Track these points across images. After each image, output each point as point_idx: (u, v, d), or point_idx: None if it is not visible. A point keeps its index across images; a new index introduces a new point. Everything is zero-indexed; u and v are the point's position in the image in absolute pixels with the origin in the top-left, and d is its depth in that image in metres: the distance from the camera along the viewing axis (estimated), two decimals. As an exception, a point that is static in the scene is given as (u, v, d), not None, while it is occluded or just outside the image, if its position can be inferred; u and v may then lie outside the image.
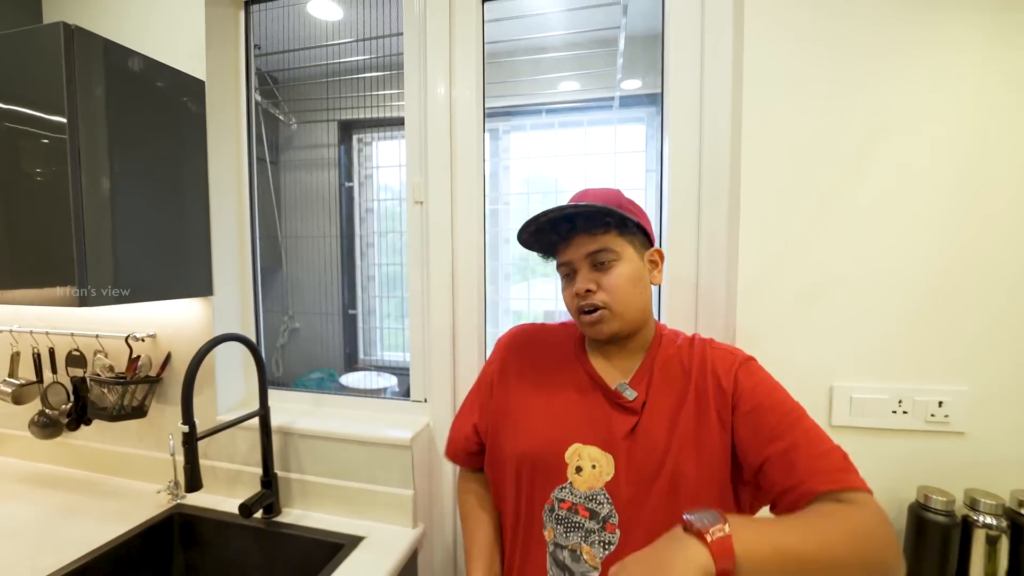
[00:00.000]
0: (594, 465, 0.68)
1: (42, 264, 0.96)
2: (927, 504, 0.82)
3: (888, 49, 0.85)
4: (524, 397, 0.76)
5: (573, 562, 0.67)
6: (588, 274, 0.70)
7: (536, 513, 0.71)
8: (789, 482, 0.60)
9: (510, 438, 0.74)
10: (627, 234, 0.70)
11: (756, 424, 0.64)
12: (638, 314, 0.71)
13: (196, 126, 1.18)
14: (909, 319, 0.87)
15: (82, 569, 0.99)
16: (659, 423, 0.67)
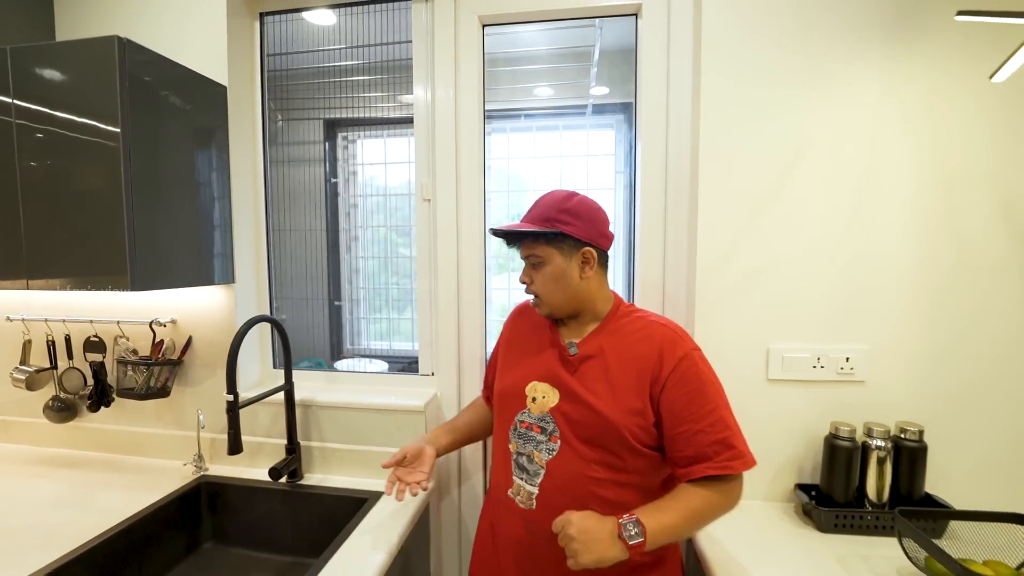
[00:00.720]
0: (544, 396, 0.92)
1: (98, 256, 1.06)
2: (836, 434, 1.08)
3: (809, 82, 1.09)
4: (509, 353, 1.04)
5: (528, 463, 0.92)
6: (527, 271, 0.95)
7: (506, 432, 0.96)
8: (687, 457, 0.83)
9: (498, 381, 1.03)
10: (554, 243, 0.90)
11: (678, 405, 0.84)
12: (564, 302, 0.93)
13: (221, 128, 1.29)
14: (824, 296, 1.12)
15: (127, 530, 1.10)
16: (594, 372, 0.90)
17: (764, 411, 1.15)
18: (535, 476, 0.90)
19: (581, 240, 0.90)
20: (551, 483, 0.88)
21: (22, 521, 1.10)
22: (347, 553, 0.99)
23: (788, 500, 1.16)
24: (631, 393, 0.86)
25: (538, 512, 0.88)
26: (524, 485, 0.91)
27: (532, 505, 0.89)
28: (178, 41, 1.26)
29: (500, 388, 1.00)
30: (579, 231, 0.90)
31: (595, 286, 0.94)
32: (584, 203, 0.92)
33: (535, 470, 0.90)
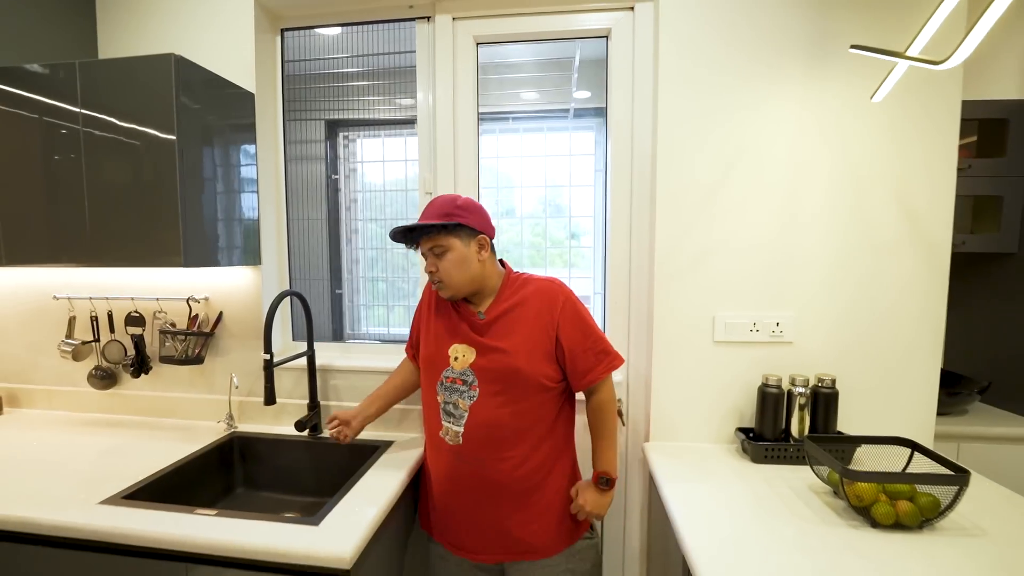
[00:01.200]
0: (464, 355, 1.15)
1: (155, 240, 1.27)
2: (767, 383, 1.32)
3: (744, 98, 1.32)
4: (431, 321, 1.24)
5: (454, 410, 1.15)
6: (431, 260, 1.14)
7: (434, 387, 1.19)
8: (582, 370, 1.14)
9: (424, 347, 1.24)
10: (454, 233, 1.11)
11: (570, 333, 1.13)
12: (465, 283, 1.14)
13: (250, 130, 1.49)
14: (758, 271, 1.36)
15: (179, 470, 1.30)
16: (501, 330, 1.14)
17: (711, 368, 1.39)
18: (460, 419, 1.15)
19: (476, 229, 1.13)
20: (473, 422, 1.13)
21: (85, 465, 1.29)
22: (372, 478, 1.21)
23: (731, 442, 1.41)
24: (536, 338, 1.13)
25: (464, 446, 1.13)
26: (451, 427, 1.16)
27: (459, 441, 1.14)
28: (213, 54, 1.45)
29: (426, 353, 1.22)
30: (473, 222, 1.13)
31: (489, 267, 1.18)
32: (470, 202, 1.16)
33: (460, 414, 1.15)
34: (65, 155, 1.29)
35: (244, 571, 0.96)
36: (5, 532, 1.04)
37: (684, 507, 1.07)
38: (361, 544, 0.96)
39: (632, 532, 1.54)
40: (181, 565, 0.99)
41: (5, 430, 1.52)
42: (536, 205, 1.88)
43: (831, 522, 1.01)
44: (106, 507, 1.06)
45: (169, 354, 1.51)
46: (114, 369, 1.62)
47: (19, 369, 1.70)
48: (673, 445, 1.40)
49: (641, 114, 1.43)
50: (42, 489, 1.14)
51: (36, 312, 1.66)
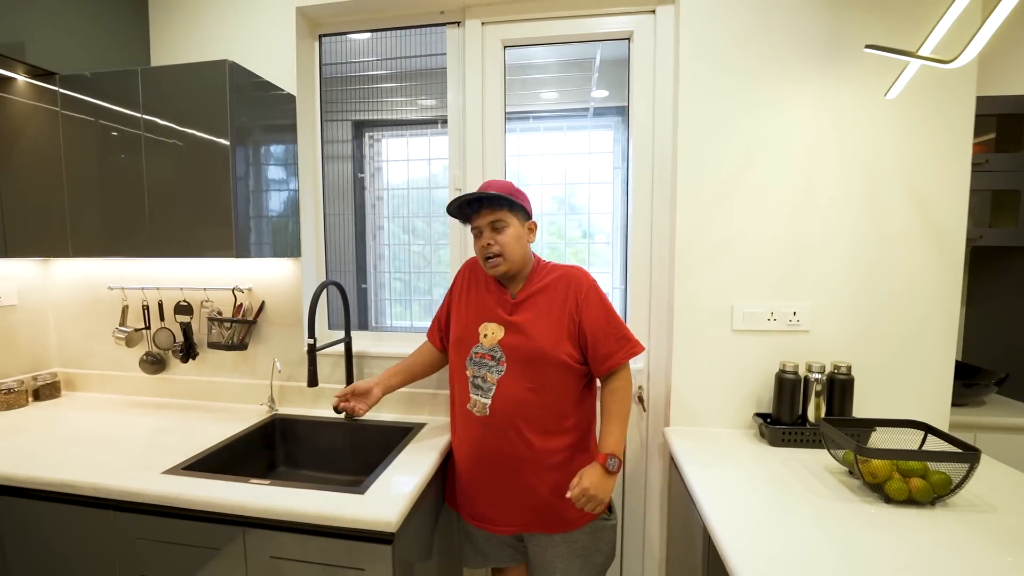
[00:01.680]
0: (493, 332, 1.23)
1: (208, 234, 1.38)
2: (784, 370, 1.37)
3: (762, 96, 1.38)
4: (462, 302, 1.32)
5: (483, 383, 1.23)
6: (490, 234, 1.21)
7: (464, 361, 1.26)
8: (603, 355, 1.19)
9: (455, 326, 1.31)
10: (513, 211, 1.21)
11: (591, 319, 1.19)
12: (519, 260, 1.23)
13: (291, 130, 1.59)
14: (775, 262, 1.41)
15: (229, 446, 1.40)
16: (528, 312, 1.22)
17: (730, 356, 1.45)
18: (488, 391, 1.22)
19: (528, 213, 1.24)
20: (500, 394, 1.21)
21: (141, 441, 1.39)
22: (409, 455, 1.30)
23: (748, 427, 1.46)
24: (560, 320, 1.20)
25: (491, 417, 1.21)
26: (479, 399, 1.24)
27: (487, 412, 1.22)
28: (258, 59, 1.55)
29: (456, 333, 1.30)
30: (528, 206, 1.24)
31: (529, 252, 1.28)
32: (522, 190, 1.25)
33: (488, 387, 1.23)
34: (127, 156, 1.39)
35: (295, 534, 1.05)
36: (77, 496, 1.14)
37: (707, 487, 1.12)
38: (405, 510, 1.04)
39: (652, 515, 1.60)
40: (239, 529, 1.08)
41: (66, 411, 1.64)
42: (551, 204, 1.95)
43: (846, 499, 1.06)
44: (169, 476, 1.16)
45: (216, 340, 1.61)
46: (163, 355, 1.74)
47: (76, 355, 1.83)
48: (693, 430, 1.46)
49: (662, 113, 1.49)
50: (106, 460, 1.24)
51: (92, 302, 1.78)
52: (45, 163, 1.46)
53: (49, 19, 1.41)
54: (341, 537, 1.03)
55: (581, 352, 1.22)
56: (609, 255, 1.79)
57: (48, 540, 1.19)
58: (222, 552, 1.09)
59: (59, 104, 1.43)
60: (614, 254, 1.77)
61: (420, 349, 1.46)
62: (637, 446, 1.59)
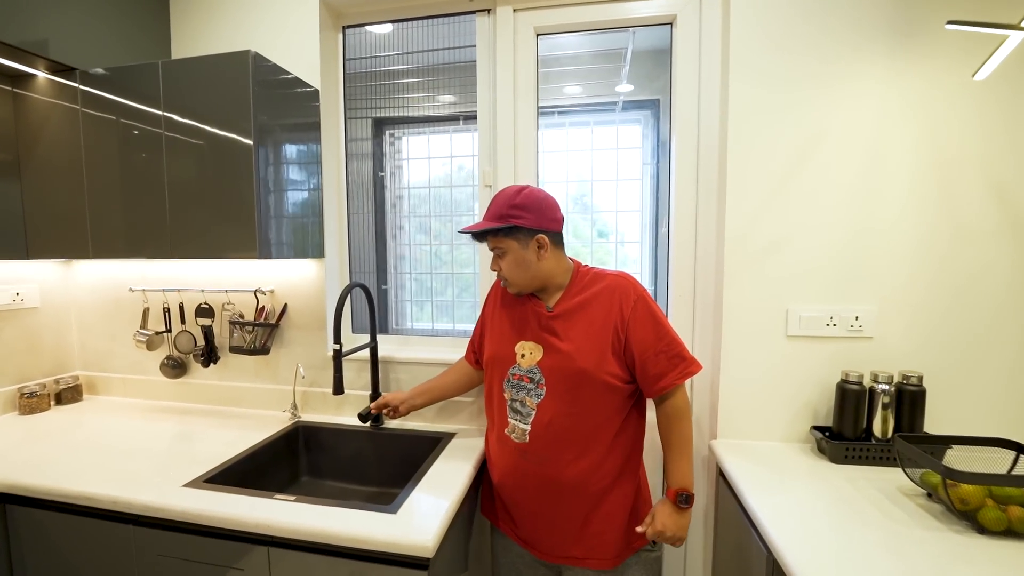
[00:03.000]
0: (531, 352, 1.13)
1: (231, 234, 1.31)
2: (847, 379, 1.26)
3: (822, 79, 1.27)
4: (497, 321, 1.23)
5: (521, 407, 1.14)
6: (495, 260, 1.14)
7: (501, 384, 1.17)
8: (655, 375, 1.07)
9: (490, 345, 1.22)
10: (511, 235, 1.09)
11: (641, 336, 1.07)
12: (528, 281, 1.13)
13: (315, 127, 1.52)
14: (835, 262, 1.30)
15: (252, 456, 1.33)
16: (567, 327, 1.11)
17: (783, 363, 1.34)
18: (527, 417, 1.12)
19: (533, 229, 1.09)
20: (540, 420, 1.11)
21: (161, 449, 1.34)
22: (441, 467, 1.22)
23: (804, 441, 1.35)
24: (604, 337, 1.08)
25: (530, 444, 1.11)
26: (519, 424, 1.14)
27: (526, 439, 1.12)
28: (280, 53, 1.48)
29: (493, 351, 1.20)
30: (530, 222, 1.08)
31: (553, 264, 1.14)
32: (532, 195, 1.10)
33: (527, 412, 1.13)
34: (148, 154, 1.34)
35: (323, 555, 0.98)
36: (96, 510, 1.09)
37: (771, 510, 1.02)
38: (441, 533, 0.96)
39: (694, 535, 1.50)
40: (263, 548, 1.01)
41: (87, 416, 1.60)
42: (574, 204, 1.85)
43: (931, 527, 0.95)
44: (191, 490, 1.09)
45: (238, 344, 1.56)
46: (184, 359, 1.69)
47: (98, 358, 1.79)
48: (743, 443, 1.35)
49: (708, 101, 1.39)
50: (127, 470, 1.19)
51: (113, 304, 1.74)
52: (66, 162, 1.41)
53: (70, 13, 1.37)
54: (372, 560, 0.95)
55: (628, 371, 1.10)
56: (636, 255, 1.70)
57: (67, 554, 1.14)
58: (247, 572, 1.02)
59: (79, 101, 1.38)
60: (643, 254, 1.67)
61: (455, 368, 1.40)
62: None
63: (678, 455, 1.09)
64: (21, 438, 1.40)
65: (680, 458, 1.09)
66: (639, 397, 1.16)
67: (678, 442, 1.09)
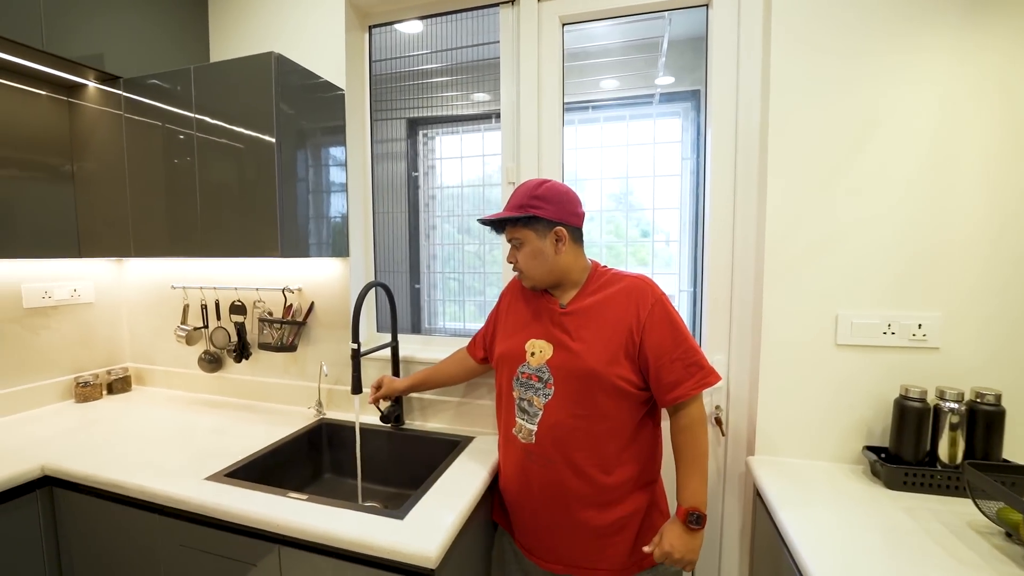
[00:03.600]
0: (541, 351, 1.09)
1: (255, 233, 1.34)
2: (907, 395, 1.11)
3: (878, 60, 1.13)
4: (509, 317, 1.20)
5: (529, 407, 1.09)
6: (512, 251, 1.11)
7: (510, 382, 1.13)
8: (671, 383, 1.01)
9: (501, 342, 1.18)
10: (529, 226, 1.06)
11: (657, 341, 1.01)
12: (544, 275, 1.09)
13: (340, 128, 1.53)
14: (894, 264, 1.15)
15: (274, 451, 1.36)
16: (579, 326, 1.06)
17: (832, 375, 1.20)
18: (534, 417, 1.07)
19: (552, 221, 1.05)
20: (546, 421, 1.06)
21: (195, 441, 1.39)
22: (454, 473, 1.19)
23: (856, 462, 1.21)
24: (616, 339, 1.02)
25: (535, 445, 1.08)
26: (525, 424, 1.09)
27: (532, 440, 1.07)
28: (307, 54, 1.50)
29: (504, 348, 1.16)
30: (549, 213, 1.05)
31: (570, 259, 1.09)
32: (553, 188, 1.06)
33: (534, 412, 1.08)
34: (181, 156, 1.39)
35: (330, 558, 0.97)
36: (126, 498, 1.13)
37: (809, 537, 0.92)
38: (446, 544, 0.92)
39: (729, 558, 1.39)
40: (274, 546, 1.01)
41: (134, 405, 1.70)
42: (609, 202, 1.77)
43: (1008, 574, 0.81)
44: (210, 483, 1.12)
45: (267, 341, 1.60)
46: (220, 354, 1.75)
47: (145, 351, 1.90)
48: (783, 461, 1.23)
49: (747, 87, 1.27)
50: (158, 460, 1.24)
51: (158, 300, 1.84)
52: (111, 166, 1.50)
53: (121, 26, 1.45)
54: (378, 567, 0.93)
55: (642, 377, 1.04)
56: (675, 255, 1.59)
57: (103, 537, 1.19)
58: (258, 568, 1.03)
59: (123, 108, 1.46)
60: (681, 253, 1.57)
61: (452, 357, 1.39)
62: (713, 475, 1.38)
63: (691, 471, 1.01)
64: (75, 425, 1.49)
65: (693, 474, 1.00)
66: (654, 405, 1.08)
67: (692, 457, 1.01)
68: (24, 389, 1.59)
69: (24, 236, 1.45)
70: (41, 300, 1.63)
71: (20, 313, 1.58)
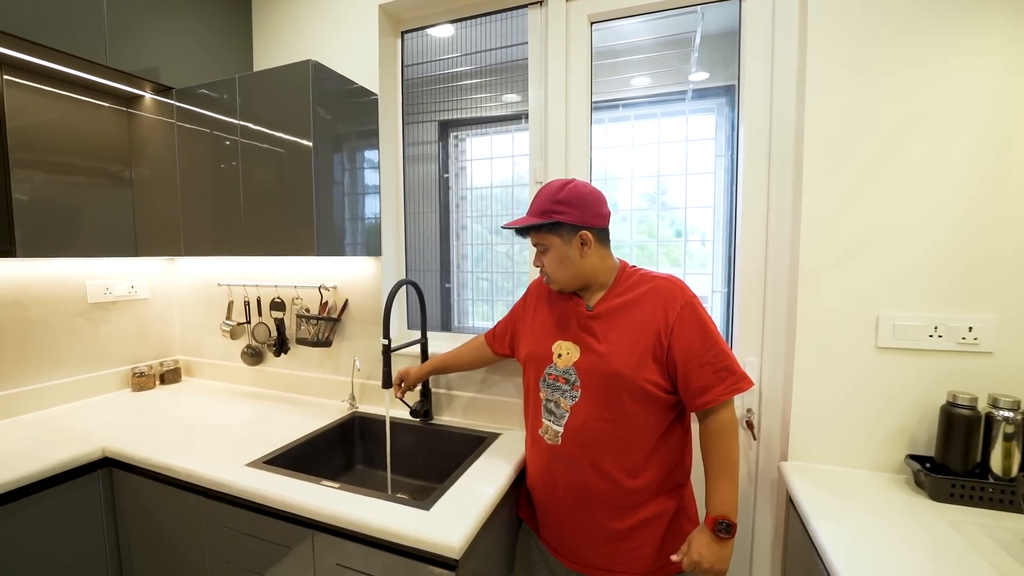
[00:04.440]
0: (568, 352, 1.08)
1: (292, 233, 1.41)
2: (955, 402, 1.05)
3: (920, 44, 1.07)
4: (537, 317, 1.19)
5: (556, 408, 1.09)
6: (538, 255, 1.11)
7: (537, 383, 1.13)
8: (700, 388, 0.98)
9: (526, 343, 1.19)
10: (554, 231, 1.05)
11: (686, 344, 0.99)
12: (570, 279, 1.08)
13: (374, 132, 1.59)
14: (942, 263, 1.09)
15: (310, 441, 1.42)
16: (607, 328, 1.05)
17: (872, 379, 1.15)
18: (561, 418, 1.07)
19: (576, 225, 1.03)
20: (573, 423, 1.05)
21: (239, 429, 1.47)
22: (480, 467, 1.21)
23: (898, 471, 1.15)
24: (644, 341, 1.00)
25: (562, 447, 1.07)
26: (552, 426, 1.09)
27: (558, 441, 1.07)
28: (341, 61, 1.57)
29: (530, 349, 1.17)
30: (573, 218, 1.03)
31: (596, 261, 1.07)
32: (576, 190, 1.04)
33: (561, 413, 1.07)
34: (227, 161, 1.48)
35: (360, 544, 1.00)
36: (175, 480, 1.22)
37: (845, 549, 0.88)
38: (470, 535, 0.94)
39: (761, 569, 1.34)
40: (308, 530, 1.06)
41: (183, 395, 1.81)
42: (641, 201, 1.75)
43: (1067, 594, 0.76)
44: (251, 470, 1.18)
45: (304, 336, 1.67)
46: (261, 348, 1.84)
47: (194, 344, 2.02)
48: (818, 468, 1.19)
49: (782, 79, 1.24)
50: (205, 447, 1.32)
51: (205, 297, 1.95)
52: (164, 171, 1.60)
53: (174, 40, 1.55)
54: (404, 555, 0.96)
55: (670, 380, 1.02)
56: (708, 254, 1.56)
57: (155, 516, 1.28)
58: (293, 552, 1.08)
59: (175, 116, 1.56)
60: (715, 253, 1.53)
61: (469, 344, 1.41)
62: (744, 480, 1.34)
63: (720, 477, 0.98)
64: (131, 411, 1.61)
65: (723, 481, 0.98)
66: (683, 409, 1.06)
67: (721, 463, 0.98)
68: (88, 378, 1.72)
69: (89, 237, 1.58)
70: (103, 296, 1.76)
71: (85, 307, 1.72)
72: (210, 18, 1.65)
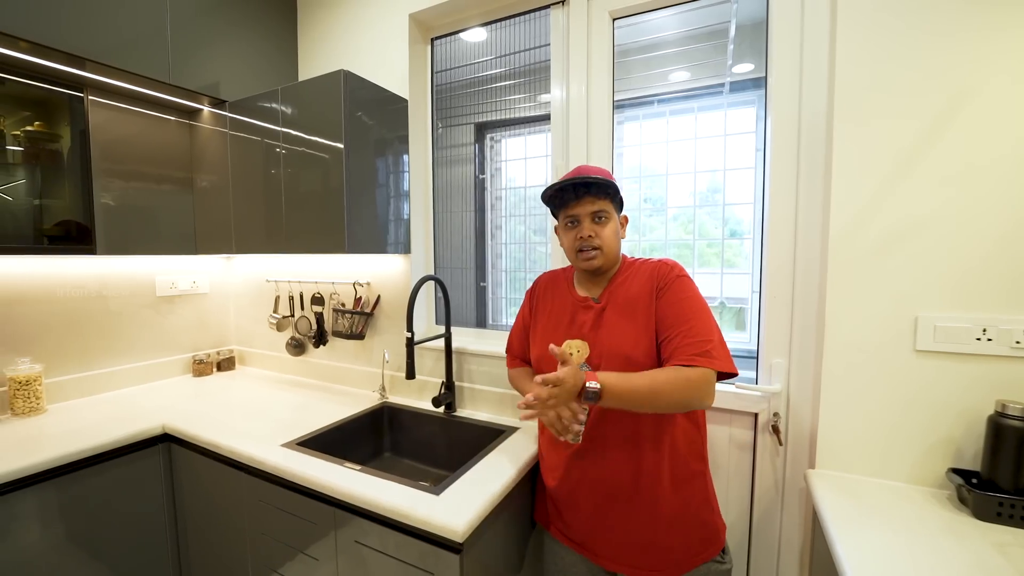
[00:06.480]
0: (579, 350, 1.07)
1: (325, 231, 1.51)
2: (1004, 412, 0.96)
3: (961, 19, 0.98)
4: (542, 321, 1.19)
5: None
6: (591, 225, 1.06)
7: None
8: (670, 350, 0.97)
9: (536, 347, 1.19)
10: (615, 203, 1.08)
11: (668, 311, 1.00)
12: (614, 256, 1.10)
13: (403, 136, 1.66)
14: (992, 260, 0.99)
15: (340, 427, 1.51)
16: (613, 318, 1.06)
17: (909, 384, 1.07)
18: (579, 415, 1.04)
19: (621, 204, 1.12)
20: (592, 420, 1.05)
21: (282, 414, 1.59)
22: (494, 459, 1.25)
23: (940, 486, 1.06)
24: (640, 322, 1.02)
25: (584, 445, 1.06)
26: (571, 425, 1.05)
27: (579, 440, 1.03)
28: (374, 66, 1.66)
29: (541, 352, 1.15)
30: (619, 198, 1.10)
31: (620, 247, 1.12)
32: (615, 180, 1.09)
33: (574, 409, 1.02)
34: (271, 167, 1.61)
35: (376, 524, 1.06)
36: (220, 456, 1.34)
37: (866, 567, 0.83)
38: (474, 521, 0.98)
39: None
40: (331, 509, 1.13)
41: (236, 382, 1.98)
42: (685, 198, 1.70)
43: (1120, 627, 0.68)
44: (284, 449, 1.28)
45: (339, 329, 1.78)
46: (303, 340, 1.98)
47: (246, 335, 2.20)
48: (848, 479, 1.12)
49: (812, 65, 1.18)
50: (249, 429, 1.44)
51: (256, 292, 2.12)
52: (219, 177, 1.77)
53: (229, 57, 1.71)
54: (415, 536, 1.01)
55: None
56: (748, 253, 1.50)
57: (204, 487, 1.42)
58: (318, 527, 1.17)
59: (228, 127, 1.71)
60: (754, 251, 1.47)
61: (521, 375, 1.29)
62: (769, 489, 1.28)
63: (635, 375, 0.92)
64: (190, 394, 1.78)
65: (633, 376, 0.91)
66: None
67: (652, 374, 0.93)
68: (155, 363, 1.92)
69: (158, 236, 1.77)
70: (169, 290, 1.96)
71: (154, 300, 1.92)
72: (259, 37, 1.80)
